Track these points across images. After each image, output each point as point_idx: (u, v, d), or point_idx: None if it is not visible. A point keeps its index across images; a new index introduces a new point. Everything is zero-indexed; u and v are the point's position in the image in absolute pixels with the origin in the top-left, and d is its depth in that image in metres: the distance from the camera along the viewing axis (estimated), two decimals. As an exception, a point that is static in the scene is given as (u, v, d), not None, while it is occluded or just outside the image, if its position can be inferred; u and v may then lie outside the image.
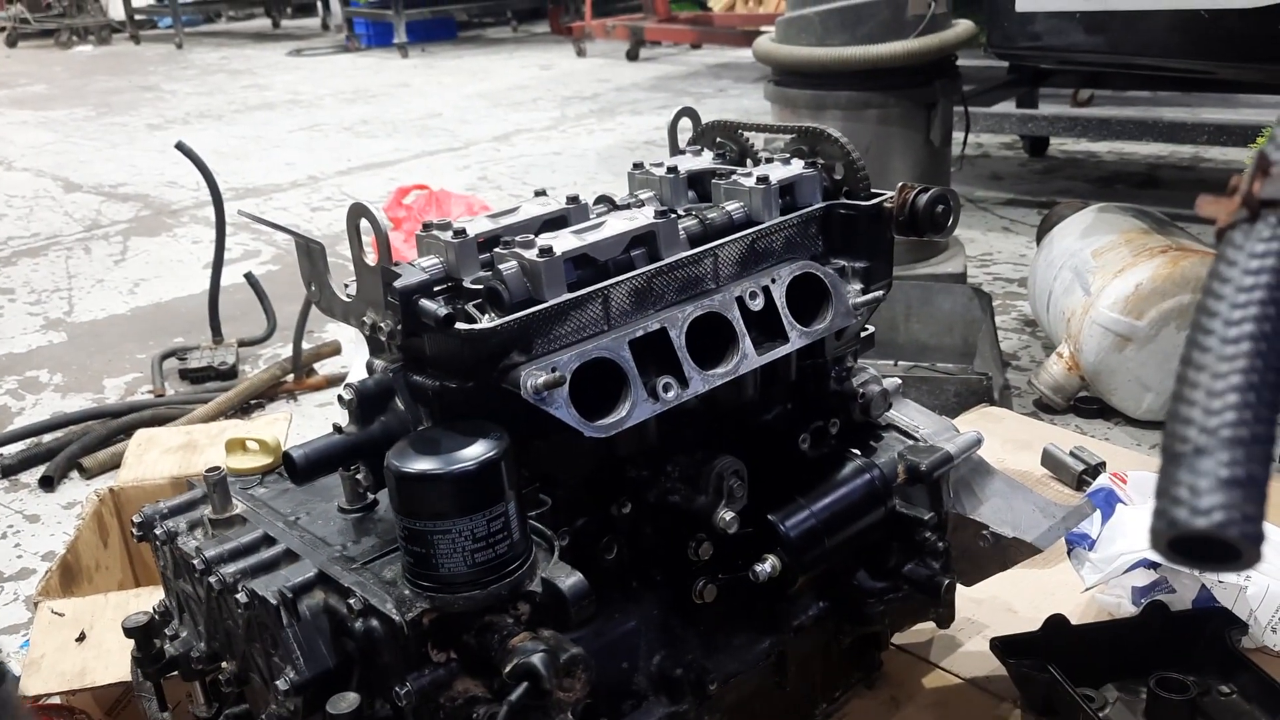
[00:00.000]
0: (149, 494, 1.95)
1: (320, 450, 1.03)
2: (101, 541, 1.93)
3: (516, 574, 0.95)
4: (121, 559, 1.98)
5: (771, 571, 1.16)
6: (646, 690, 1.16)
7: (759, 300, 1.11)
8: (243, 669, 1.10)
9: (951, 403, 2.32)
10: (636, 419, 1.01)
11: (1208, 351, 0.49)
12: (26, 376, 3.38)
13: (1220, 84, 4.33)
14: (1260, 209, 0.51)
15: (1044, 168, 4.92)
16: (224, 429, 2.22)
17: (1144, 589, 1.49)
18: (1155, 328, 2.42)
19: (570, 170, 5.44)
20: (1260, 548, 0.45)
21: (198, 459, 2.04)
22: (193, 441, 2.12)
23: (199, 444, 2.10)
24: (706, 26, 8.26)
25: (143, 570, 1.99)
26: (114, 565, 1.96)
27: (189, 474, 1.99)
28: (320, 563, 1.03)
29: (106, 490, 1.97)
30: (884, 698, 1.42)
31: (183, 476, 1.98)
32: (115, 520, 1.96)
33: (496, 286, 1.00)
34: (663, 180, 1.24)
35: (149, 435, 2.17)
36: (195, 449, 2.08)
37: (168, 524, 1.16)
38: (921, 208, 1.21)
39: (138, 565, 1.99)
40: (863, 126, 2.95)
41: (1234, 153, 4.58)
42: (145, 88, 8.88)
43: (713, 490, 1.11)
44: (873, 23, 2.91)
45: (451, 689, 0.96)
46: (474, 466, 0.91)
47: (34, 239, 4.84)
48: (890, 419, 1.34)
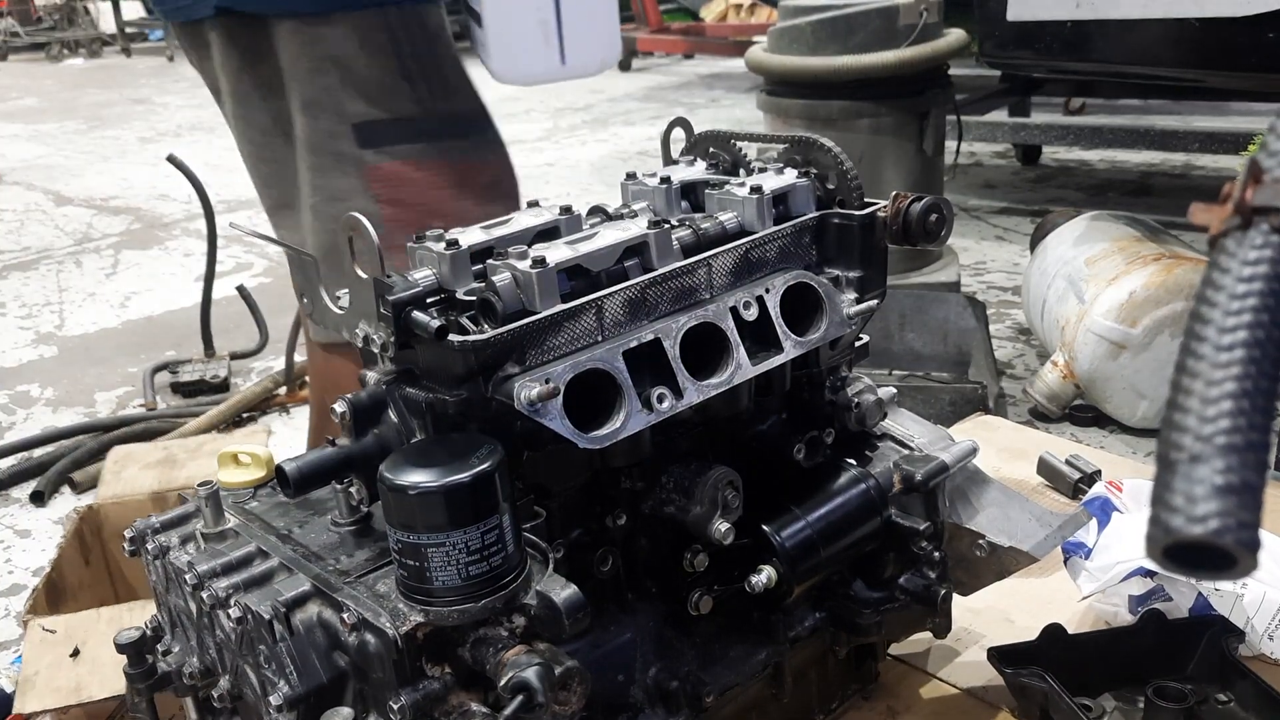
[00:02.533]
0: (129, 510, 1.94)
1: (313, 463, 1.02)
2: (83, 559, 1.92)
3: (511, 587, 0.94)
4: (103, 576, 1.97)
5: (767, 582, 1.16)
6: (642, 703, 1.16)
7: (753, 310, 1.11)
8: (236, 684, 1.09)
9: (946, 412, 2.33)
10: (631, 430, 1.01)
11: (1202, 359, 0.49)
12: (17, 391, 3.37)
13: (1211, 92, 4.36)
14: (1253, 216, 0.51)
15: (1037, 176, 4.94)
16: (202, 443, 2.21)
17: (1141, 597, 1.49)
18: (1149, 335, 2.43)
19: (563, 181, 5.45)
20: (1256, 555, 0.45)
21: (178, 473, 2.03)
22: (171, 456, 2.10)
23: (178, 459, 2.09)
24: (699, 37, 8.28)
25: (124, 587, 1.97)
26: (96, 582, 1.95)
27: (169, 489, 1.98)
28: (314, 576, 1.03)
29: (86, 508, 1.95)
30: (881, 708, 1.42)
31: (163, 491, 1.98)
32: (96, 538, 1.95)
33: (490, 298, 1.00)
34: (656, 191, 1.24)
35: (125, 451, 2.16)
36: (174, 464, 2.07)
37: (160, 538, 1.15)
38: (915, 217, 1.21)
39: (118, 582, 1.97)
40: (855, 136, 2.96)
41: (1226, 160, 4.60)
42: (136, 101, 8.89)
43: (708, 501, 1.10)
44: (865, 32, 2.92)
45: (446, 703, 0.96)
46: (468, 479, 0.91)
47: (25, 253, 4.84)
48: (885, 428, 1.34)
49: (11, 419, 3.17)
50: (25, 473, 2.77)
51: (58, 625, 1.66)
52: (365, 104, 1.58)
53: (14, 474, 2.77)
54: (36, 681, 1.53)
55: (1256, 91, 3.96)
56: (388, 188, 1.60)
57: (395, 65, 1.57)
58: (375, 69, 1.57)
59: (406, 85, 1.58)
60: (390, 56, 1.57)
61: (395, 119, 1.59)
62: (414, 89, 1.59)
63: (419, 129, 1.61)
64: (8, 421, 3.15)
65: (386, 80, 1.58)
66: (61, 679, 1.54)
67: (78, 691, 1.51)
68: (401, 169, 1.60)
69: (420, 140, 1.61)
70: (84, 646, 1.59)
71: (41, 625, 1.65)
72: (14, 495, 2.72)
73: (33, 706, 1.48)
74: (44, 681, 1.53)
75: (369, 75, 1.57)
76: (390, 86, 1.58)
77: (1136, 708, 1.35)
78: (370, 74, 1.57)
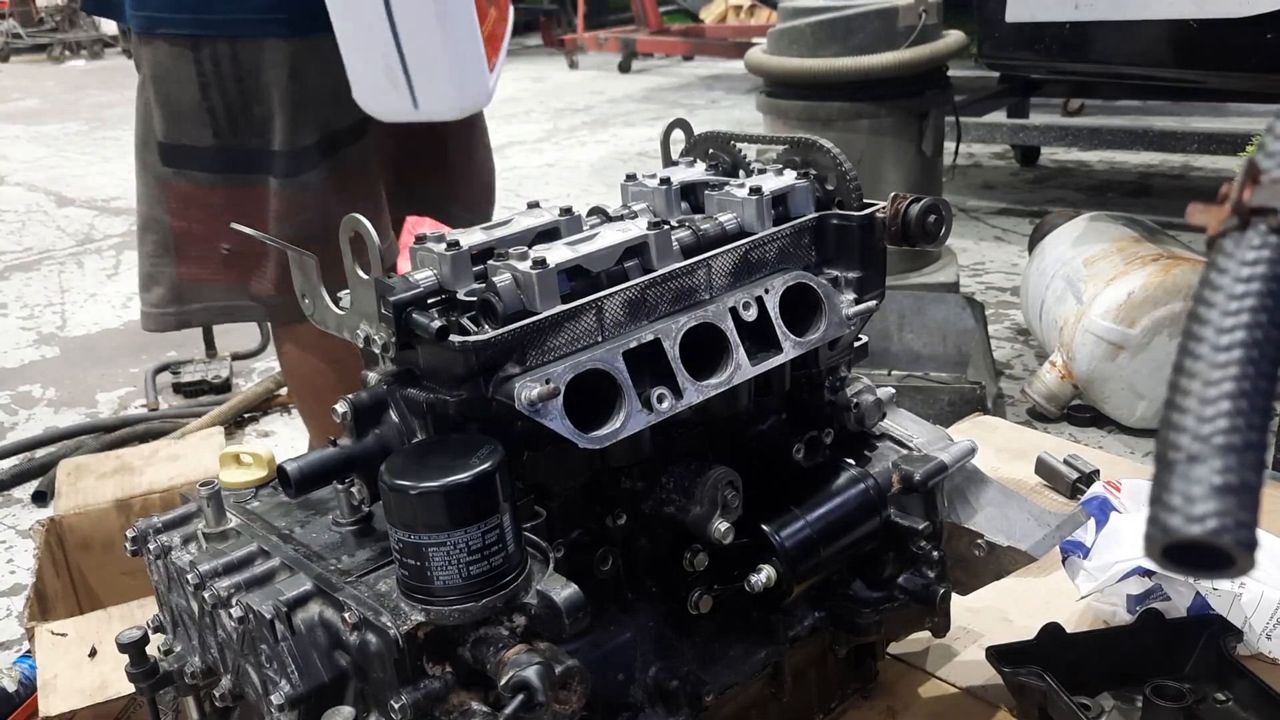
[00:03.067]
0: (92, 520, 1.94)
1: (314, 464, 1.02)
2: (55, 571, 1.92)
3: (511, 586, 0.95)
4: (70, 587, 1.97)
5: (767, 582, 1.16)
6: (642, 702, 1.16)
7: (752, 311, 1.12)
8: (237, 684, 1.09)
9: (945, 412, 2.33)
10: (631, 430, 1.01)
11: (1200, 359, 0.49)
12: (19, 391, 3.37)
13: (1210, 93, 4.36)
14: (1250, 217, 0.52)
15: (1035, 177, 4.94)
16: (156, 450, 2.20)
17: (1139, 597, 1.49)
18: (1148, 335, 2.43)
19: (563, 182, 5.45)
20: (1254, 554, 0.45)
21: (138, 480, 2.02)
22: (126, 464, 2.09)
23: (134, 466, 2.08)
24: (698, 38, 8.28)
25: (86, 597, 1.97)
26: (68, 594, 1.95)
27: (133, 495, 1.98)
28: (315, 576, 1.03)
29: (49, 520, 1.95)
30: (880, 707, 1.42)
31: (127, 499, 1.97)
32: (60, 549, 1.95)
33: (490, 298, 1.00)
34: (656, 192, 1.25)
35: (75, 464, 2.15)
36: (132, 471, 2.06)
37: (161, 538, 1.15)
38: (914, 218, 1.21)
39: (82, 594, 1.97)
40: (855, 137, 2.96)
41: (1224, 161, 4.60)
42: (138, 102, 8.87)
43: (707, 501, 1.11)
44: (864, 34, 2.92)
45: (447, 702, 0.96)
46: (468, 479, 0.91)
47: (26, 253, 4.84)
48: (884, 428, 1.34)
49: (13, 419, 3.17)
50: (27, 473, 2.77)
51: (68, 628, 1.66)
52: (168, 125, 1.64)
53: (16, 474, 2.77)
54: (58, 684, 1.53)
55: (1255, 92, 3.96)
56: (179, 204, 1.68)
57: (198, 95, 1.60)
58: (180, 95, 1.61)
59: (207, 115, 1.61)
60: (194, 86, 1.60)
61: (192, 146, 1.64)
62: (214, 120, 1.62)
63: (211, 159, 1.64)
64: (10, 422, 3.16)
65: (187, 108, 1.62)
66: (84, 679, 1.54)
67: (103, 689, 1.51)
68: (194, 191, 1.67)
69: (210, 170, 1.65)
70: (100, 645, 1.59)
71: (50, 630, 1.65)
72: (16, 495, 2.72)
73: (59, 708, 1.48)
74: (65, 683, 1.53)
75: (174, 100, 1.62)
76: (190, 115, 1.62)
77: (1135, 707, 1.36)
78: (175, 99, 1.62)
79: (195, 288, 1.72)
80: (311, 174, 1.64)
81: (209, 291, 1.72)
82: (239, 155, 1.64)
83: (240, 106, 1.61)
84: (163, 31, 1.60)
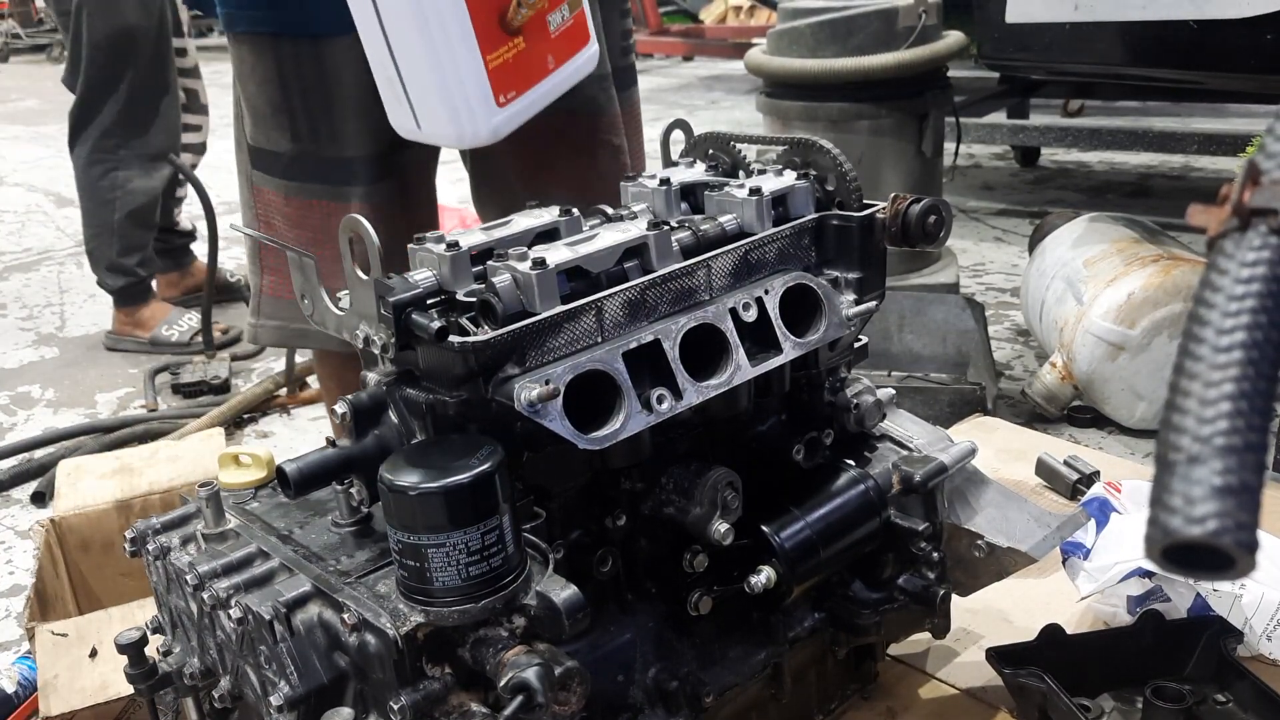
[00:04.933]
0: (92, 521, 1.94)
1: (314, 464, 1.02)
2: (55, 572, 1.92)
3: (511, 587, 0.95)
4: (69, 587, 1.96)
5: (767, 583, 1.16)
6: (642, 703, 1.16)
7: (752, 311, 1.12)
8: (236, 685, 1.09)
9: (945, 413, 2.33)
10: (631, 431, 1.01)
11: (1200, 360, 0.49)
12: (18, 392, 3.37)
13: (1210, 94, 4.36)
14: (1251, 218, 0.51)
15: (1035, 178, 4.94)
16: (155, 450, 2.20)
17: (1139, 598, 1.49)
18: (1148, 336, 2.43)
19: (563, 183, 5.43)
20: (1254, 555, 0.45)
21: (138, 481, 2.02)
22: (126, 465, 2.09)
23: (134, 466, 2.08)
24: (698, 39, 8.27)
25: (86, 598, 1.96)
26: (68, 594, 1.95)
27: (134, 496, 1.98)
28: (314, 577, 1.03)
29: (49, 520, 1.95)
30: (880, 709, 1.42)
31: (128, 499, 1.97)
32: (60, 549, 1.94)
33: (490, 299, 1.00)
34: (655, 192, 1.25)
35: (75, 464, 2.14)
36: (132, 471, 2.06)
37: (160, 539, 1.15)
38: (914, 218, 1.21)
39: (81, 594, 1.97)
40: (854, 138, 2.96)
41: (1224, 162, 4.60)
42: (137, 102, 8.86)
43: (707, 502, 1.11)
44: (864, 34, 2.92)
45: (446, 703, 0.96)
46: (468, 480, 0.91)
47: (26, 254, 4.84)
48: (884, 429, 1.34)
49: (13, 420, 3.17)
50: (26, 474, 2.77)
51: (67, 628, 1.66)
52: (252, 127, 1.61)
53: (15, 475, 2.76)
54: (58, 685, 1.53)
55: (1255, 93, 3.96)
56: (263, 210, 1.64)
57: (279, 97, 1.54)
58: (261, 97, 1.56)
59: (286, 119, 1.56)
60: (275, 88, 1.54)
61: (272, 150, 1.59)
62: (294, 124, 1.56)
63: (288, 165, 1.59)
64: (9, 422, 3.15)
65: (267, 110, 1.57)
66: (84, 680, 1.54)
67: (104, 690, 1.51)
68: (273, 198, 1.63)
69: (287, 177, 1.60)
70: (100, 646, 1.59)
71: (50, 630, 1.65)
72: (15, 496, 2.72)
73: (59, 709, 1.48)
74: (65, 684, 1.53)
75: (256, 101, 1.58)
76: (269, 118, 1.57)
77: (1135, 708, 1.36)
78: (257, 100, 1.58)
79: (274, 302, 1.66)
80: (383, 184, 1.58)
81: (286, 309, 1.65)
82: (315, 162, 1.57)
83: (321, 110, 1.54)
84: (243, 30, 1.55)
